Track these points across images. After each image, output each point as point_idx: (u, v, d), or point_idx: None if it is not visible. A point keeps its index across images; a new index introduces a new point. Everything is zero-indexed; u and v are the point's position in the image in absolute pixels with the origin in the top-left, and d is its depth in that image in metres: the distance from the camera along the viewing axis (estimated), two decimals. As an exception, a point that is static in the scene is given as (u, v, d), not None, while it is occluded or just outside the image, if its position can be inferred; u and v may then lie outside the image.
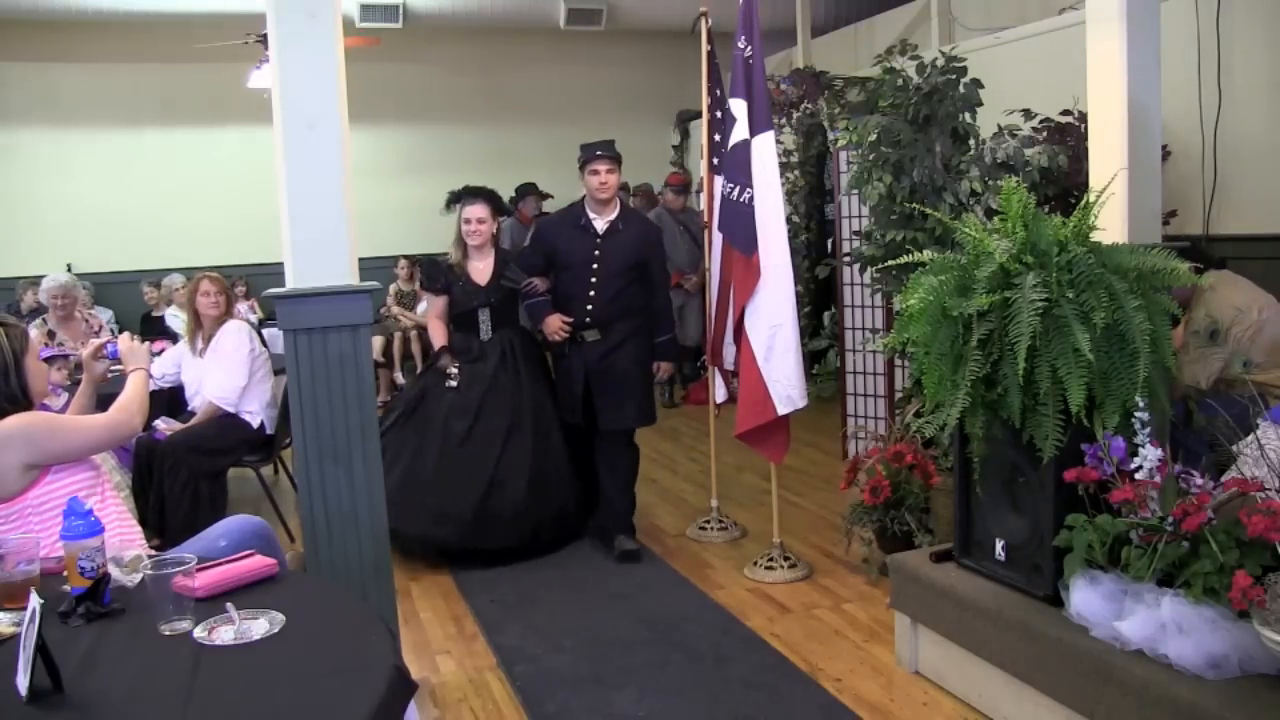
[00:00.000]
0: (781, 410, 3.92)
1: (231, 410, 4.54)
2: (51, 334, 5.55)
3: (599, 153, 4.30)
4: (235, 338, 4.60)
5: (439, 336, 4.50)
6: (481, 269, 4.49)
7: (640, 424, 4.45)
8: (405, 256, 8.91)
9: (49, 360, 4.53)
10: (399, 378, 8.43)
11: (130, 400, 2.73)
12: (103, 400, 4.59)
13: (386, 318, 8.49)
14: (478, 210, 4.43)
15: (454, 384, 4.34)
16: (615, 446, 4.43)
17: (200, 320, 4.67)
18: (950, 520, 3.30)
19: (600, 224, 4.32)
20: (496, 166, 9.74)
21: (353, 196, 2.94)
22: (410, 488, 4.20)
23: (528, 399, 4.39)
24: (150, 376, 2.89)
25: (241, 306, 6.93)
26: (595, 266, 4.30)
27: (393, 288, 8.72)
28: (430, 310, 4.64)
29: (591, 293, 4.30)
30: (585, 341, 4.34)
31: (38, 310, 7.44)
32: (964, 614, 2.87)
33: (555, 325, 4.33)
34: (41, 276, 6.17)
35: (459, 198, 4.48)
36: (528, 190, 8.90)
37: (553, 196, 8.80)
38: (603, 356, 4.33)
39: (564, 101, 10.22)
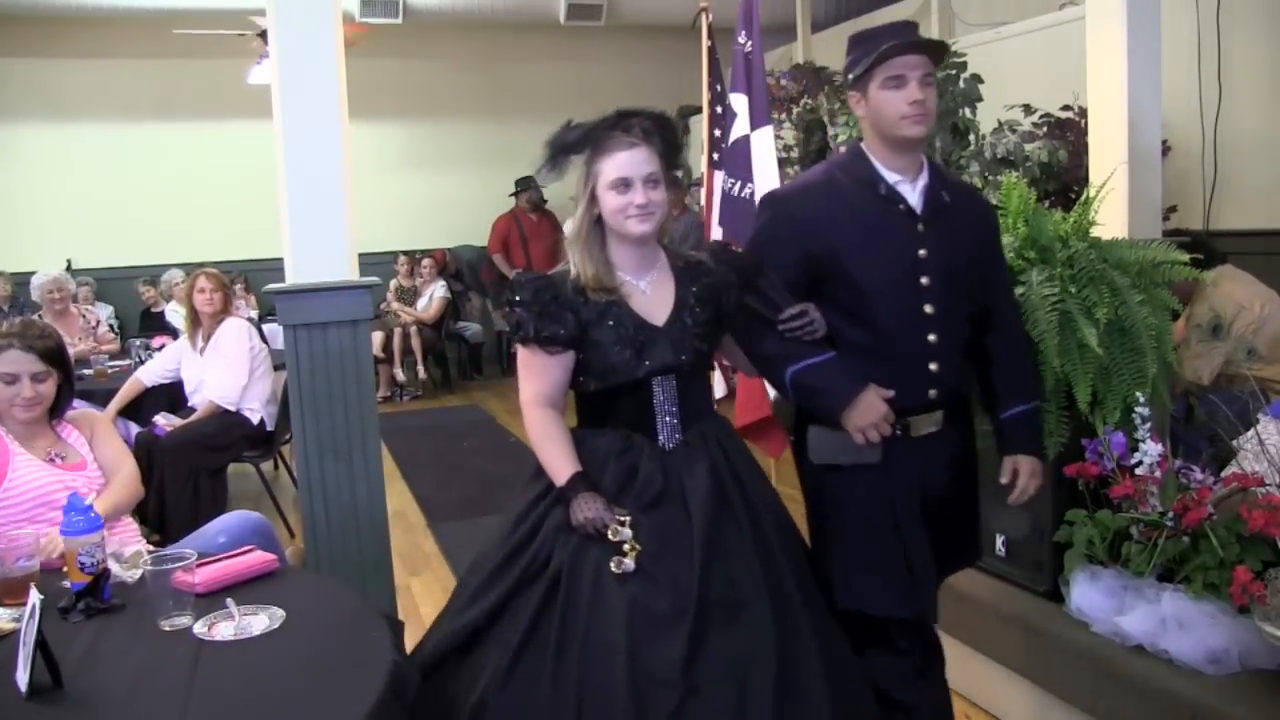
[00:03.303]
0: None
1: (232, 409, 4.53)
2: None
3: (905, 41, 2.11)
4: (235, 336, 4.58)
5: (558, 450, 2.10)
6: (652, 291, 2.14)
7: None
8: (404, 253, 8.90)
9: None
10: (399, 374, 8.44)
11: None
12: (103, 396, 4.63)
13: (386, 313, 8.48)
14: (643, 160, 2.06)
15: (630, 564, 1.94)
16: (922, 637, 2.31)
17: (199, 317, 4.66)
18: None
19: (912, 190, 2.16)
20: (496, 162, 9.76)
21: (352, 192, 2.94)
22: None
23: (783, 565, 2.07)
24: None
25: (239, 303, 6.93)
26: (926, 281, 2.13)
27: (393, 283, 8.72)
28: (527, 385, 2.18)
29: (931, 334, 2.14)
30: (912, 436, 2.17)
31: (14, 303, 7.46)
32: (964, 610, 2.87)
33: (876, 413, 2.08)
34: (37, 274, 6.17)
35: (581, 139, 2.09)
36: (526, 185, 8.93)
37: (546, 191, 8.86)
38: (952, 463, 2.25)
39: (564, 96, 10.18)
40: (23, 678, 1.64)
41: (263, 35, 6.88)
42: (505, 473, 5.92)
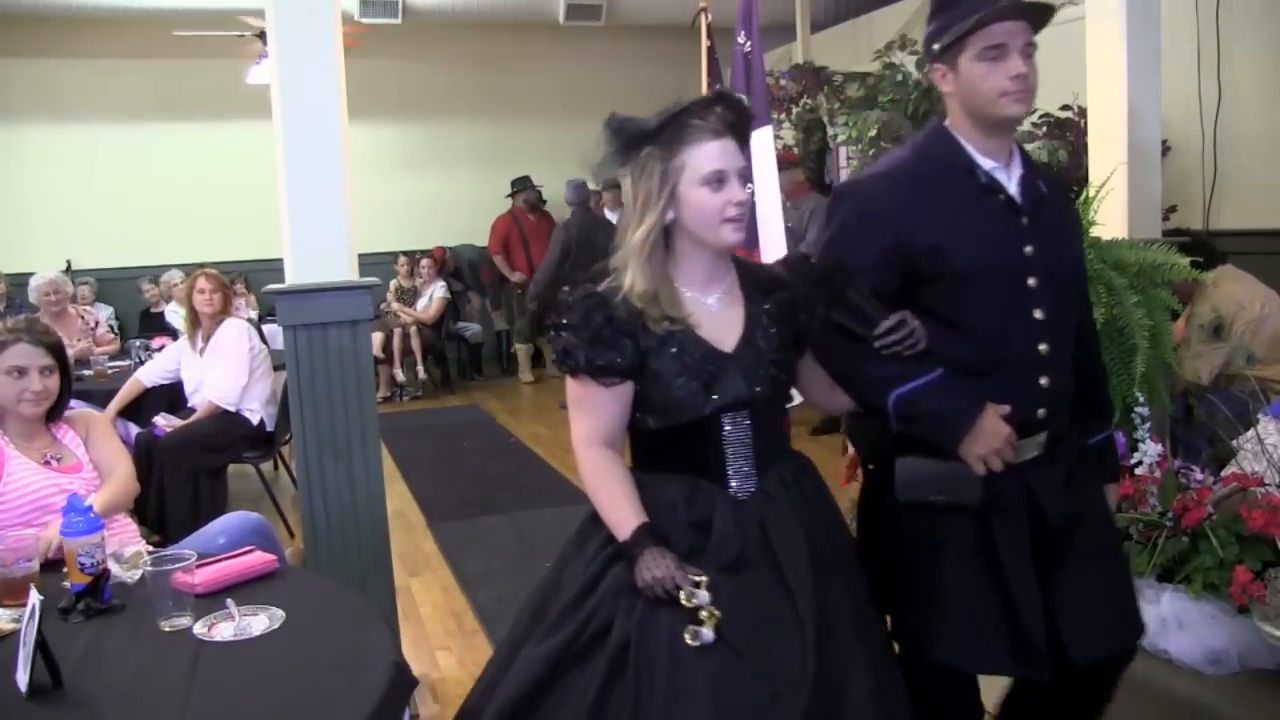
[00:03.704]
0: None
1: (232, 409, 4.53)
2: None
3: (1007, 4, 1.82)
4: (235, 337, 4.57)
5: (618, 496, 1.76)
6: (720, 309, 1.84)
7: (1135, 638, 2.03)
8: (404, 253, 8.89)
9: None
10: (399, 374, 8.44)
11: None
12: (103, 396, 4.63)
13: (386, 313, 8.48)
14: (731, 153, 1.78)
15: (710, 636, 1.60)
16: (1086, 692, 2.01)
17: (198, 318, 4.65)
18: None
19: (1008, 177, 1.90)
20: (496, 162, 9.76)
21: (352, 192, 2.94)
22: None
23: (876, 631, 1.85)
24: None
25: (239, 303, 6.92)
26: (1033, 283, 1.87)
27: (393, 284, 8.71)
28: (580, 423, 1.81)
29: (1042, 344, 1.87)
30: (1020, 459, 1.85)
31: (11, 304, 7.46)
32: (964, 609, 2.86)
33: (999, 437, 1.79)
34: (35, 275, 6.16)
35: (658, 129, 1.76)
36: (523, 185, 8.94)
37: (545, 193, 8.89)
38: (1066, 487, 1.92)
39: (563, 97, 10.20)
40: (23, 678, 1.64)
41: (262, 36, 6.88)
42: (505, 473, 5.92)
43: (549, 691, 1.68)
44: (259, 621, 1.91)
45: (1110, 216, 2.99)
